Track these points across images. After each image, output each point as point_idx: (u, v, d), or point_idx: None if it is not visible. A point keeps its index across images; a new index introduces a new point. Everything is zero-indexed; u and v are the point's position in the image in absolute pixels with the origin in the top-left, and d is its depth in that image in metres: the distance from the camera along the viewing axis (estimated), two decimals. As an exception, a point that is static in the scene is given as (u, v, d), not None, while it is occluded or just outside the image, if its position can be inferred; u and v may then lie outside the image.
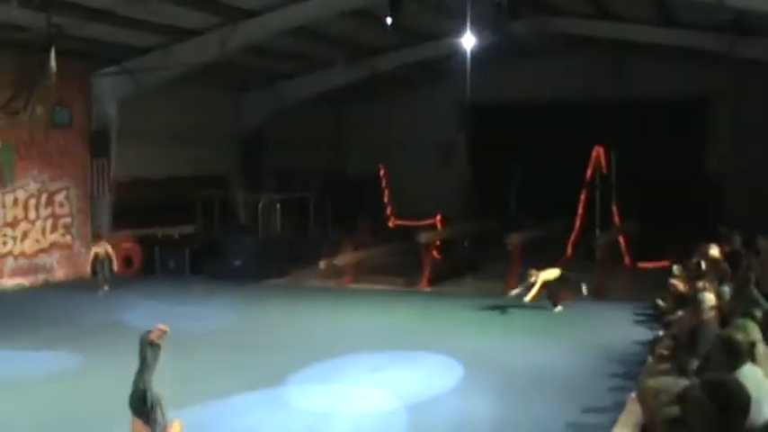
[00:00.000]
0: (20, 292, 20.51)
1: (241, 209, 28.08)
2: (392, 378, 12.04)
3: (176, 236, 23.91)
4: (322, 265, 20.77)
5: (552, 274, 17.12)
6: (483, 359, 12.99)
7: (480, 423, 10.12)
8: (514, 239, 19.86)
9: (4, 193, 20.85)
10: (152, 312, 17.59)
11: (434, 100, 32.19)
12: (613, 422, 9.67)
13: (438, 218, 25.24)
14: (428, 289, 20.53)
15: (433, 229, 24.15)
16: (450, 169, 32.76)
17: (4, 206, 20.85)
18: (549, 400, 10.82)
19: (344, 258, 21.39)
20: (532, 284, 16.80)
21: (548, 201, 26.21)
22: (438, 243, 23.04)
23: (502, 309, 17.07)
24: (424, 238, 21.46)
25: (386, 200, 28.56)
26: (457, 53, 21.74)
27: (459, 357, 13.14)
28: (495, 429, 9.89)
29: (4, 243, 20.87)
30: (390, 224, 28.05)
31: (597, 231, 20.99)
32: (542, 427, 9.78)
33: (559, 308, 17.13)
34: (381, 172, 28.83)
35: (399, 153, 31.42)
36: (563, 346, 14.05)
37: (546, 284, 16.99)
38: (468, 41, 19.92)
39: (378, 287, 21.06)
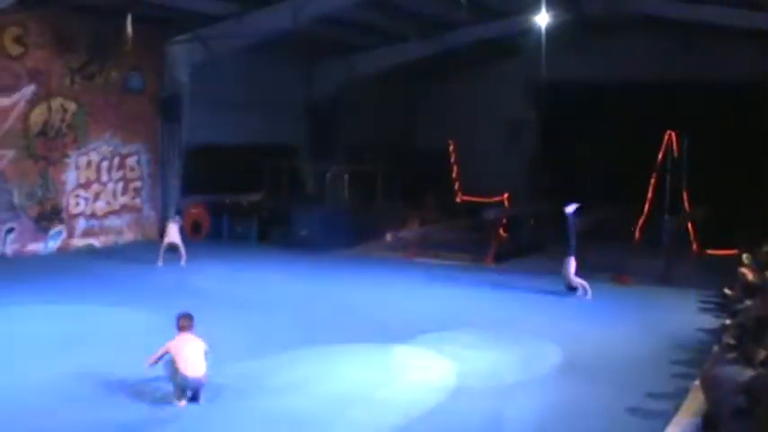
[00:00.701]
0: (90, 252, 20.98)
1: (309, 179, 28.19)
2: (455, 352, 12.04)
3: (244, 203, 24.13)
4: (388, 237, 20.83)
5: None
6: (547, 340, 12.92)
7: (541, 403, 10.09)
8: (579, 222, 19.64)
9: (77, 155, 21.25)
10: (218, 276, 17.97)
11: (505, 77, 31.93)
12: (676, 409, 9.58)
13: (505, 195, 25.11)
14: (493, 266, 20.45)
15: (500, 207, 24.05)
16: (519, 147, 32.54)
17: (77, 167, 21.26)
18: (612, 384, 10.75)
19: (411, 232, 21.41)
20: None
21: (615, 183, 25.93)
22: (504, 220, 22.94)
23: (567, 291, 16.94)
24: (491, 214, 21.37)
25: (454, 175, 28.47)
26: (530, 30, 21.58)
27: (522, 337, 13.16)
28: (556, 410, 9.85)
29: (77, 204, 21.30)
30: (457, 200, 27.98)
31: (666, 216, 20.72)
32: (604, 411, 9.72)
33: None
34: (450, 147, 28.74)
35: (468, 129, 31.16)
36: (627, 330, 13.94)
37: None
38: (543, 19, 19.78)
39: (443, 261, 21.01)
